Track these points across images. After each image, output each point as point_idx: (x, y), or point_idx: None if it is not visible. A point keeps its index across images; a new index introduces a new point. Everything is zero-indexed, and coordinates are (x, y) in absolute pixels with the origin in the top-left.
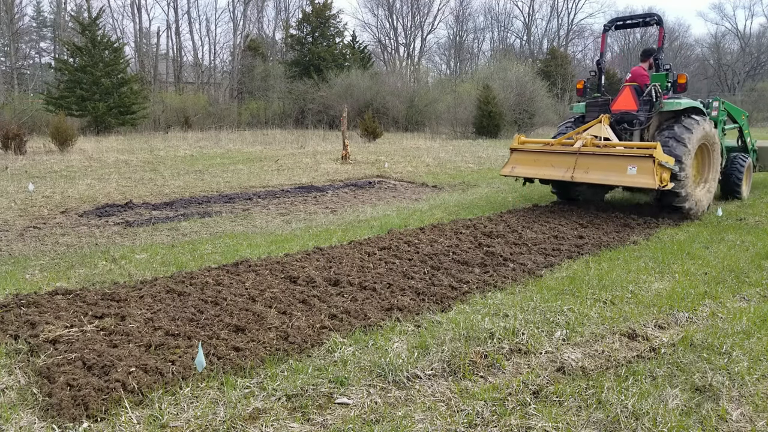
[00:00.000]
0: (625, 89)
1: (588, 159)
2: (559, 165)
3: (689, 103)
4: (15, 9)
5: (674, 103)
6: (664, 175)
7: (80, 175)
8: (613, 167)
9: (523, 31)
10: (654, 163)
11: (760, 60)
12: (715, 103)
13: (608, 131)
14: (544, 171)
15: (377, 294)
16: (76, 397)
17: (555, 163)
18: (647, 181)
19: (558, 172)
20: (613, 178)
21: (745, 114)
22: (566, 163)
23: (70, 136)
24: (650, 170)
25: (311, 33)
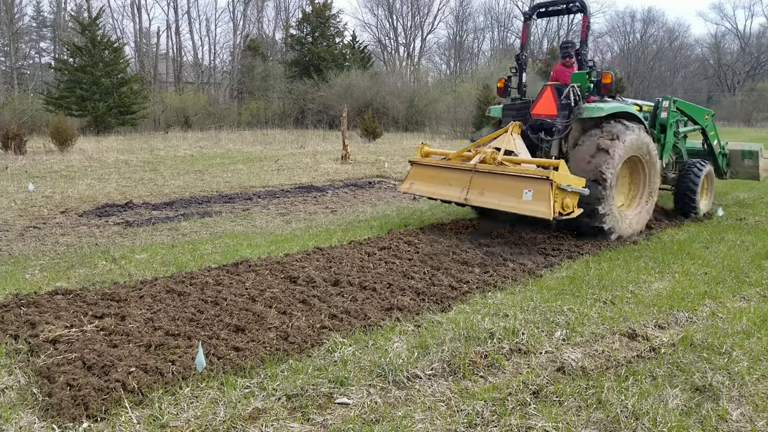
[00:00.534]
0: (546, 90)
1: (484, 178)
2: (455, 183)
3: (616, 107)
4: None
5: (596, 109)
6: (567, 201)
7: (80, 175)
8: (508, 190)
9: None
10: (551, 188)
11: (760, 60)
12: (664, 103)
13: (517, 143)
14: (441, 190)
15: (377, 294)
16: (76, 397)
17: (452, 180)
18: (541, 209)
19: (454, 192)
20: (507, 204)
21: (710, 113)
22: (462, 181)
23: (70, 136)
24: (546, 196)
25: (311, 33)
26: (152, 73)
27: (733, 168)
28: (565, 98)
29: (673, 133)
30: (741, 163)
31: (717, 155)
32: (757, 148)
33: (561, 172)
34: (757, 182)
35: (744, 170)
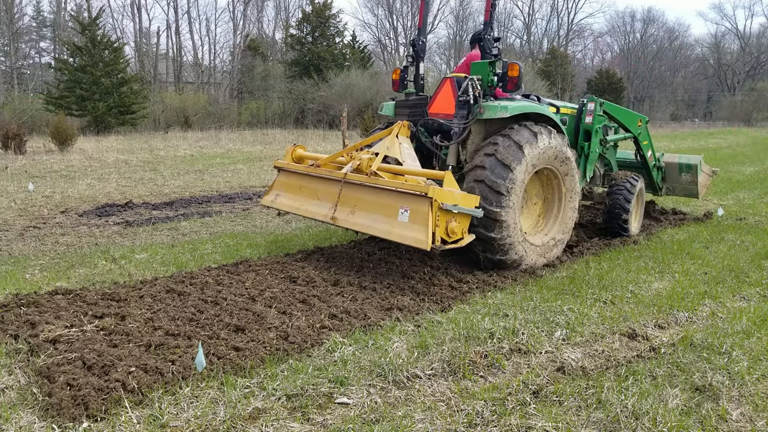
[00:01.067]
0: (444, 84)
1: (355, 192)
2: (324, 198)
3: (525, 107)
4: (15, 9)
5: (499, 108)
6: (454, 225)
7: (80, 175)
8: (382, 208)
9: (523, 31)
10: (431, 208)
11: (760, 60)
12: (589, 105)
13: (403, 148)
14: (308, 205)
15: (377, 294)
16: (76, 397)
17: (321, 193)
18: (416, 236)
19: (321, 209)
20: (379, 227)
21: (644, 119)
22: (331, 195)
23: (70, 135)
24: (423, 218)
25: (311, 33)
26: (152, 73)
27: (670, 183)
28: (463, 94)
29: (599, 141)
30: (678, 177)
31: (651, 168)
32: (696, 161)
33: (446, 186)
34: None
35: (681, 186)
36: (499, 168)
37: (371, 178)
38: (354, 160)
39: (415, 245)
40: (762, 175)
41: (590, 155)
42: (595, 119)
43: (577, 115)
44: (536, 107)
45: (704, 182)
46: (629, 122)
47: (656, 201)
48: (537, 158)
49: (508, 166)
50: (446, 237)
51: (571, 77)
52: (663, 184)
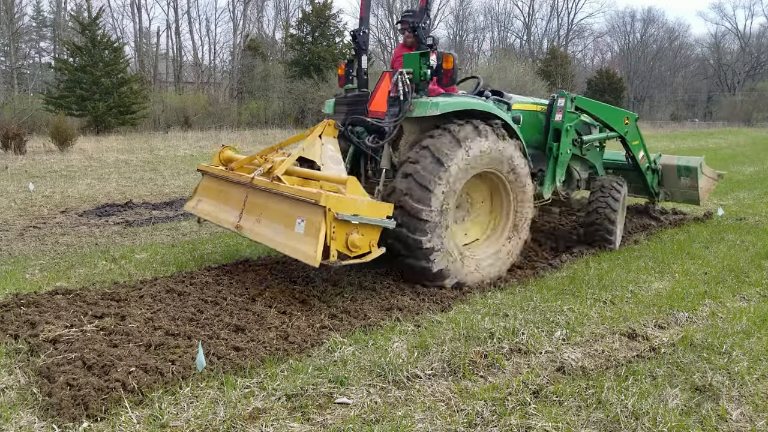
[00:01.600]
0: (383, 79)
1: (260, 198)
2: (233, 204)
3: (460, 103)
4: (15, 9)
5: (430, 105)
6: (355, 238)
7: (80, 175)
8: (281, 217)
9: (523, 31)
10: (324, 218)
11: (760, 60)
12: (560, 101)
13: (326, 149)
14: (219, 212)
15: (377, 294)
16: (76, 397)
17: (230, 199)
18: (305, 250)
19: (229, 216)
20: (278, 239)
21: (632, 116)
22: (238, 201)
23: (70, 135)
24: (314, 230)
25: (311, 33)
26: (152, 73)
27: (668, 187)
28: (394, 90)
29: (571, 141)
30: (677, 181)
31: (644, 171)
32: (696, 164)
33: (348, 194)
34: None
35: (680, 191)
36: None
37: (272, 183)
38: (266, 163)
39: (304, 261)
40: (762, 175)
41: (560, 157)
42: (565, 117)
43: (547, 112)
44: (475, 103)
45: (707, 186)
46: (612, 120)
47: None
48: (471, 160)
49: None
50: (347, 251)
51: (571, 77)
52: (660, 189)
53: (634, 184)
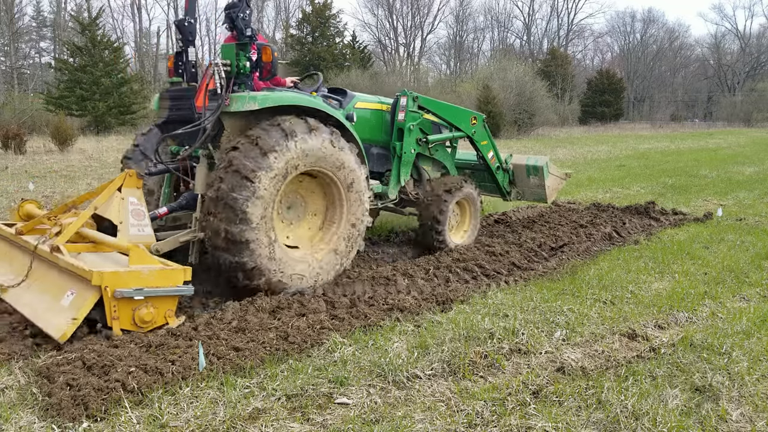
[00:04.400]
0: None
1: (43, 267)
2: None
3: (283, 98)
4: (15, 9)
5: (247, 99)
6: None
7: (80, 175)
8: (53, 288)
9: (523, 31)
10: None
11: (760, 60)
12: (402, 101)
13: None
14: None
15: (377, 294)
16: (76, 397)
17: (13, 261)
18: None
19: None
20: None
21: (479, 116)
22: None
23: (70, 135)
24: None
25: (311, 33)
26: (152, 73)
27: (519, 187)
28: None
29: (416, 141)
30: (527, 180)
31: (495, 171)
32: (542, 163)
33: (132, 263)
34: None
35: (530, 190)
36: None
37: (51, 255)
38: (54, 227)
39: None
40: (762, 175)
41: (404, 156)
42: (407, 116)
43: (391, 111)
44: (300, 99)
45: (554, 185)
46: (457, 120)
47: (656, 201)
48: (296, 159)
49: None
50: (136, 328)
51: (571, 78)
52: (512, 188)
53: (487, 183)
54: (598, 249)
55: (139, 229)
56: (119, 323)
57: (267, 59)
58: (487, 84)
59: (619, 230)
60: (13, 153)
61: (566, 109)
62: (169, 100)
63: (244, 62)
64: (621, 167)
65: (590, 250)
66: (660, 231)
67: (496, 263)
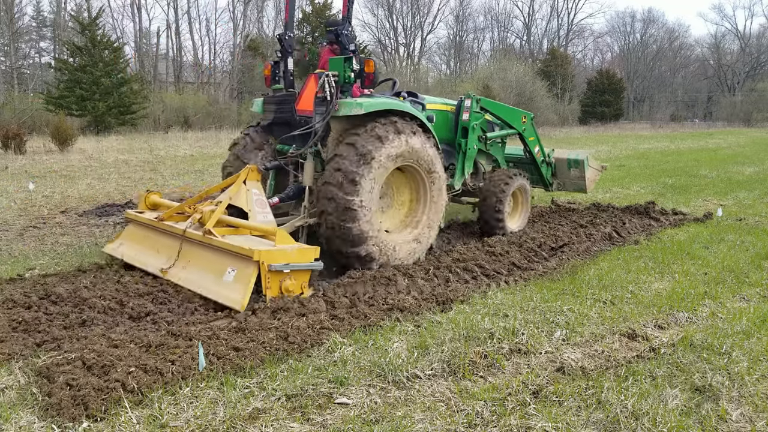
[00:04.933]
0: (309, 80)
1: (193, 248)
2: (163, 251)
3: (383, 103)
4: (15, 9)
5: (353, 105)
6: (289, 284)
7: (80, 175)
8: (211, 266)
9: (523, 31)
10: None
11: (760, 60)
12: (466, 102)
13: (250, 195)
14: (146, 257)
15: (377, 294)
16: (76, 397)
17: (162, 246)
18: (233, 297)
19: (157, 261)
20: (205, 285)
21: (528, 115)
22: (171, 249)
23: (70, 135)
24: (246, 280)
25: (311, 33)
26: (152, 73)
27: (560, 179)
28: (321, 90)
29: (477, 138)
30: (567, 173)
31: (540, 164)
32: (583, 157)
33: (278, 245)
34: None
35: (570, 181)
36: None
37: (207, 237)
38: (195, 213)
39: (231, 306)
40: (762, 175)
41: (468, 152)
42: (471, 116)
43: (455, 112)
44: (395, 104)
45: (592, 177)
46: (511, 119)
47: (656, 201)
48: (391, 156)
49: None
50: (282, 295)
51: (571, 77)
52: (554, 180)
53: (532, 175)
54: (598, 249)
55: (264, 216)
56: (271, 292)
57: (369, 70)
58: (487, 84)
59: (619, 230)
60: (13, 153)
61: (566, 109)
62: (273, 105)
63: (349, 73)
64: (621, 167)
65: (590, 250)
66: (660, 231)
67: (496, 263)
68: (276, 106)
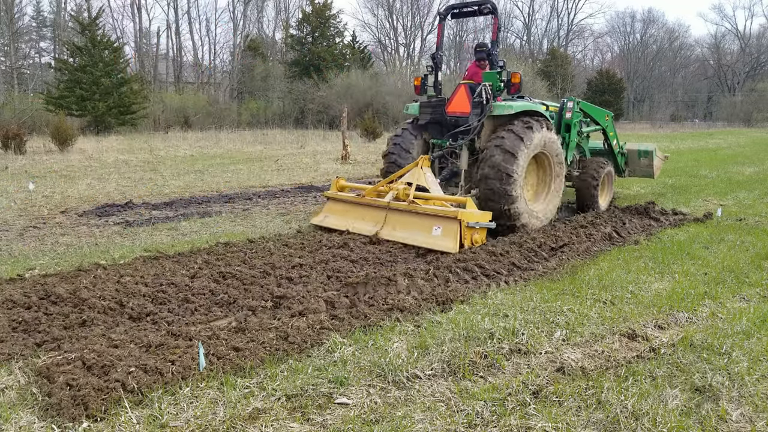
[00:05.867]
0: (460, 89)
1: (397, 215)
2: (369, 219)
3: (525, 105)
4: (15, 9)
5: (505, 107)
6: (477, 237)
7: (80, 175)
8: (418, 226)
9: (523, 31)
10: (461, 226)
11: (759, 60)
12: (569, 104)
13: (427, 177)
14: (355, 224)
15: (377, 294)
16: (76, 397)
17: (366, 216)
18: (447, 245)
19: (367, 227)
20: (418, 238)
21: (610, 114)
22: (376, 217)
23: (70, 135)
24: (453, 233)
25: (311, 33)
26: (152, 73)
27: (631, 167)
28: (478, 96)
29: (576, 133)
30: (638, 162)
31: (616, 154)
32: (651, 148)
33: (468, 209)
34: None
35: (640, 168)
36: (506, 154)
37: (411, 205)
38: (392, 191)
39: (445, 250)
40: (762, 175)
41: (570, 144)
42: (573, 115)
43: (558, 111)
44: (532, 106)
45: (658, 165)
46: (599, 117)
47: (656, 201)
48: (534, 144)
49: (513, 152)
50: (471, 245)
51: (571, 78)
52: (626, 168)
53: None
54: (598, 249)
55: (437, 191)
56: (467, 242)
57: (515, 81)
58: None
59: (619, 230)
60: (13, 153)
61: None
62: (429, 108)
63: (499, 84)
64: None
65: (590, 250)
66: (660, 231)
67: (496, 263)
68: (431, 109)
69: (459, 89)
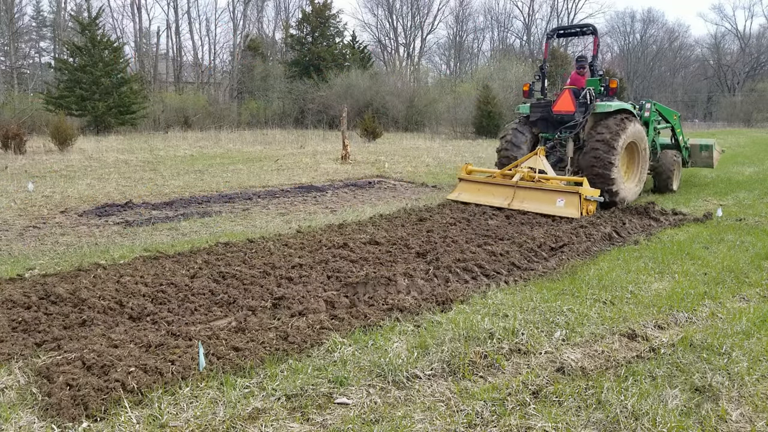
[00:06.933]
0: (564, 92)
1: (524, 191)
2: (499, 195)
3: (620, 105)
4: (15, 9)
5: (606, 106)
6: (590, 207)
7: (80, 175)
8: (544, 199)
9: (523, 31)
10: (580, 198)
11: (759, 60)
12: (647, 105)
13: (544, 163)
14: (486, 198)
15: (377, 294)
16: (76, 397)
17: (496, 193)
18: (571, 212)
19: (498, 201)
20: (544, 209)
21: (677, 114)
22: (505, 193)
23: (70, 135)
24: (575, 204)
25: (311, 33)
26: (152, 73)
27: (694, 159)
28: (583, 98)
29: (653, 129)
30: (699, 154)
31: (682, 148)
32: (711, 143)
33: (585, 187)
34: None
35: (702, 160)
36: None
37: (537, 183)
38: (518, 173)
39: (570, 216)
40: (762, 175)
41: (648, 137)
42: (651, 114)
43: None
44: (625, 105)
45: (717, 157)
46: (669, 116)
47: (656, 201)
48: (627, 136)
49: (612, 143)
50: (587, 214)
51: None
52: (689, 159)
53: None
54: (598, 249)
55: (552, 174)
56: (584, 212)
57: (613, 86)
58: (487, 84)
59: (619, 230)
60: (13, 153)
61: None
62: (538, 108)
63: (599, 88)
64: None
65: (590, 250)
66: (660, 231)
67: (496, 263)
68: (540, 109)
69: (564, 92)
